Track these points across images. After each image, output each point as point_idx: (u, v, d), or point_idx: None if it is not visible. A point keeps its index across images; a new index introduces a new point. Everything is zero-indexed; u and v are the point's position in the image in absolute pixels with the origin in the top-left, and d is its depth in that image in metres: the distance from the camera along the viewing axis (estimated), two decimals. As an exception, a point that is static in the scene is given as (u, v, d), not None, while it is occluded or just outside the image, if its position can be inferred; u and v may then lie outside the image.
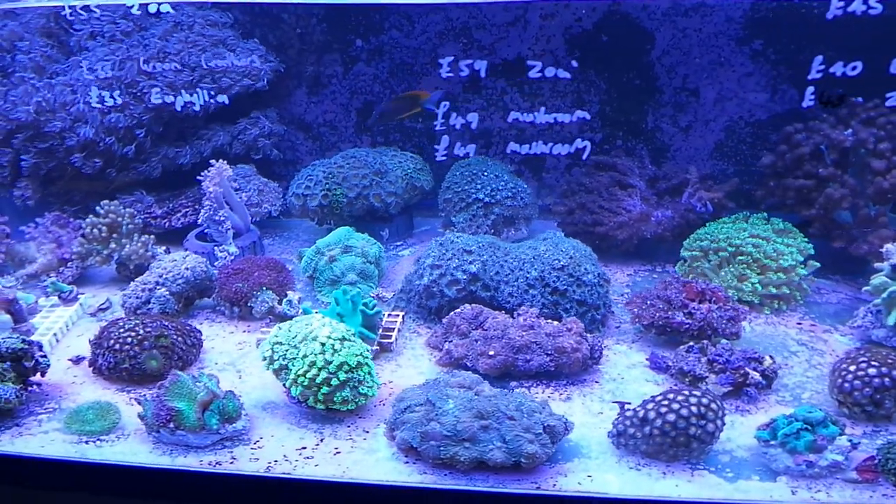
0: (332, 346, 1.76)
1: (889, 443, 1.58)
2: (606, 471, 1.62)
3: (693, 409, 1.60)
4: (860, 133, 2.30)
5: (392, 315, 2.24)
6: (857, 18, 2.24)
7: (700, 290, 2.08)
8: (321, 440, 1.73)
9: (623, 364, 2.03)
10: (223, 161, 2.51)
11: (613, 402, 1.83)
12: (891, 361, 1.73)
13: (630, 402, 1.75)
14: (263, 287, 2.27)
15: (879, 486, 1.55)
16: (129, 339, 1.95)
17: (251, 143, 2.91)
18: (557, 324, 2.02)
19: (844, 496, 1.53)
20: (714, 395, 1.67)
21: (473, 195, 2.65)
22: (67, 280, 2.47)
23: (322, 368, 1.73)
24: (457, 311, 2.10)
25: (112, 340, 1.96)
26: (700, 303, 2.07)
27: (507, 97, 2.81)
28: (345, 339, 1.79)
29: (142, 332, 1.97)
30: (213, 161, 2.50)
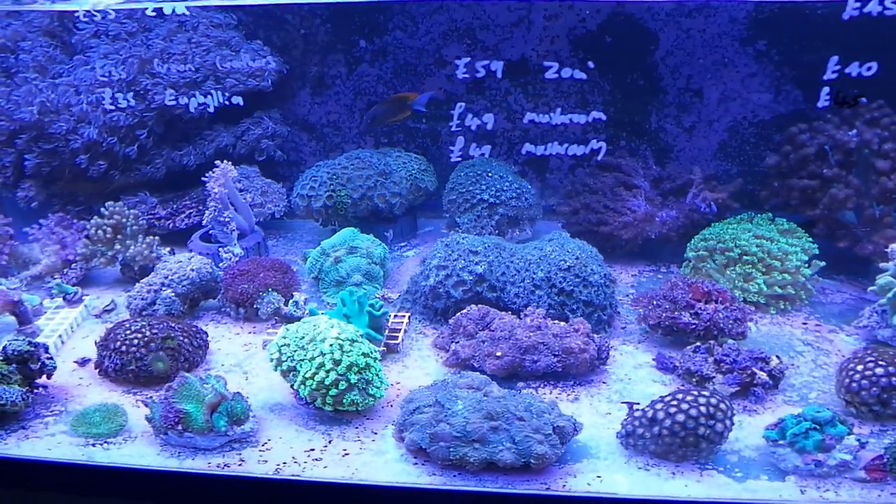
0: (341, 347, 1.75)
1: (897, 442, 1.59)
2: (616, 471, 1.62)
3: (702, 409, 1.60)
4: (865, 134, 2.31)
5: (398, 316, 2.24)
6: (863, 19, 2.24)
7: (706, 291, 2.09)
8: (329, 442, 1.73)
9: (630, 364, 2.03)
10: (228, 162, 2.51)
11: (622, 403, 1.83)
12: (898, 361, 1.74)
13: (638, 403, 1.75)
14: (269, 288, 2.26)
15: (888, 485, 1.55)
16: (136, 341, 1.95)
17: (254, 144, 2.91)
18: (564, 324, 2.02)
19: (853, 495, 1.54)
20: (722, 396, 1.67)
21: (478, 196, 2.64)
22: (72, 281, 2.46)
23: (331, 370, 1.73)
24: (463, 312, 2.09)
25: (118, 342, 1.95)
26: (706, 303, 2.07)
27: (511, 98, 2.81)
28: (353, 341, 1.79)
29: (148, 334, 1.96)
30: (218, 162, 2.50)
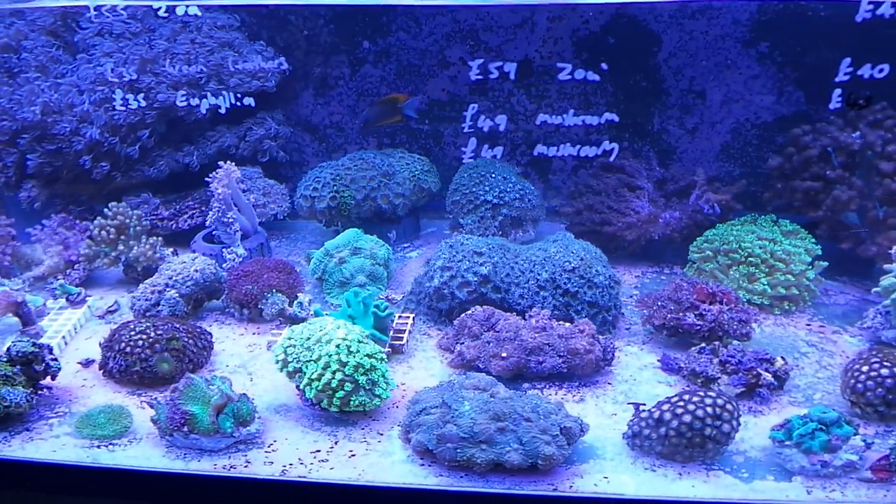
0: (348, 348, 1.75)
1: (903, 443, 1.60)
2: (622, 472, 1.62)
3: (709, 410, 1.60)
4: (868, 135, 2.31)
5: (402, 317, 2.24)
6: (867, 21, 2.24)
7: (711, 292, 2.09)
8: (335, 443, 1.73)
9: (635, 365, 2.03)
10: (231, 162, 2.51)
11: (628, 404, 1.83)
12: (903, 362, 1.74)
13: (644, 404, 1.75)
14: (273, 289, 2.26)
15: (894, 486, 1.56)
16: (141, 342, 1.94)
17: (257, 145, 2.90)
18: (569, 325, 2.02)
19: (859, 495, 1.55)
20: (729, 396, 1.68)
21: (482, 197, 2.65)
22: (75, 282, 2.46)
23: (337, 371, 1.73)
24: (468, 313, 2.09)
25: (123, 343, 1.95)
26: (711, 304, 2.07)
27: (514, 99, 2.82)
28: (360, 341, 1.79)
29: (153, 335, 1.96)
30: (221, 162, 2.49)
